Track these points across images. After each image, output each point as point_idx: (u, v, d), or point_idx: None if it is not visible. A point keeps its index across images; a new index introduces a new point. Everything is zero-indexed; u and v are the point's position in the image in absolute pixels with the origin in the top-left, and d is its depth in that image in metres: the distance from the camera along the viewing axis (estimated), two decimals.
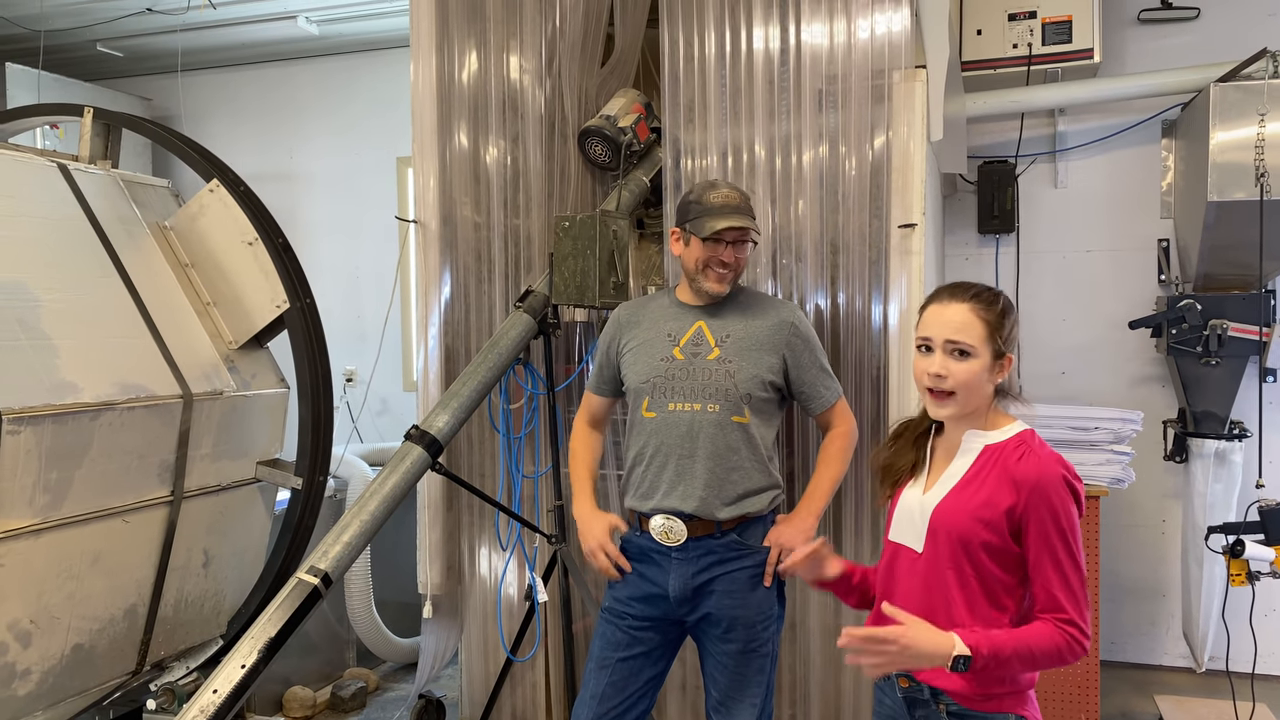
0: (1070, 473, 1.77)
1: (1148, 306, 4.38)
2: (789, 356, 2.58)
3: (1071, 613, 1.74)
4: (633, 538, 2.62)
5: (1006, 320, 1.85)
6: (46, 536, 2.69)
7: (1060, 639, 1.73)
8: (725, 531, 2.53)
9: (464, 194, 3.53)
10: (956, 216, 4.61)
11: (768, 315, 2.61)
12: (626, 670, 2.57)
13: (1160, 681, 4.32)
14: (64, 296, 2.85)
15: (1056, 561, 1.75)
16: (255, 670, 2.45)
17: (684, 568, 2.53)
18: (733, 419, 2.51)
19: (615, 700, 2.54)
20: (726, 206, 2.53)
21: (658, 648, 2.60)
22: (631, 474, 2.63)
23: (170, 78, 5.91)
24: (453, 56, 3.52)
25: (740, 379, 2.52)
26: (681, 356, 2.57)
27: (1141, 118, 4.36)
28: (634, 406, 2.62)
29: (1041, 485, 1.75)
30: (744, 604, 2.52)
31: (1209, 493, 3.99)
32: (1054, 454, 1.80)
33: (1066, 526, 1.75)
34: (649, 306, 2.71)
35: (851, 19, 3.10)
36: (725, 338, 2.57)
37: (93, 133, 3.37)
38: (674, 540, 2.53)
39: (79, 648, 2.88)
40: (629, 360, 2.65)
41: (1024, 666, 1.76)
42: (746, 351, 2.55)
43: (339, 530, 2.73)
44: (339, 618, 4.32)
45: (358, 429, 5.01)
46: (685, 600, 2.54)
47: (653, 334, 2.63)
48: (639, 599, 2.58)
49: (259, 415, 3.34)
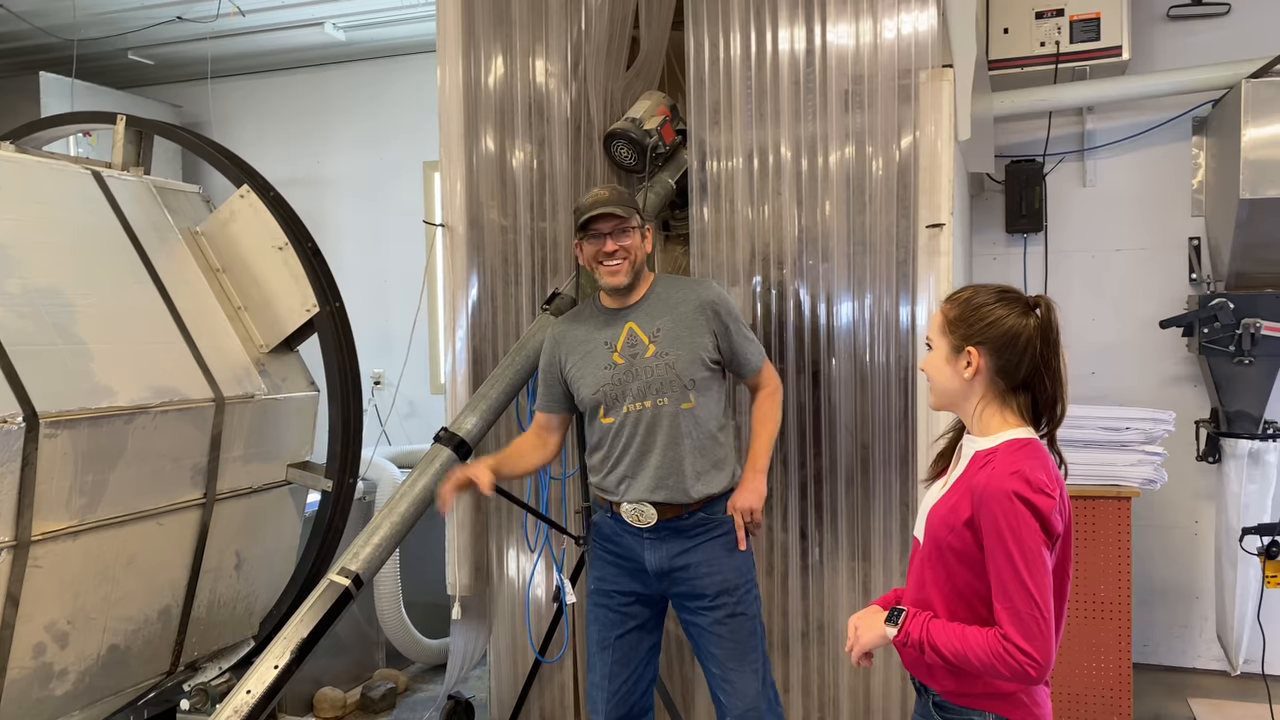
0: (1030, 488, 1.70)
1: (1179, 305, 4.33)
2: (718, 331, 2.69)
3: (1009, 629, 1.68)
4: (605, 520, 2.76)
5: (972, 313, 1.84)
6: (83, 539, 2.72)
7: (994, 650, 1.69)
8: (692, 512, 2.64)
9: (490, 197, 3.54)
10: (984, 216, 4.59)
11: (688, 299, 2.70)
12: (626, 645, 2.73)
13: (1194, 684, 4.27)
14: (98, 302, 2.89)
15: (999, 576, 1.71)
16: (288, 671, 2.48)
17: (657, 545, 2.67)
18: (682, 406, 2.63)
19: (624, 675, 2.72)
20: (596, 202, 2.65)
21: (649, 619, 2.77)
22: (598, 473, 2.74)
23: (200, 85, 5.98)
24: (479, 61, 3.54)
25: (680, 367, 2.63)
26: (622, 360, 2.67)
27: (1171, 115, 4.32)
28: (591, 416, 2.73)
29: (987, 499, 1.72)
30: (722, 570, 2.65)
31: (1243, 493, 3.94)
32: (1016, 467, 1.73)
33: (1011, 542, 1.69)
34: (580, 320, 2.81)
35: (878, 19, 3.09)
36: (656, 332, 2.67)
37: (125, 139, 3.42)
38: (645, 522, 2.66)
39: (114, 648, 2.92)
40: (575, 376, 2.74)
41: (960, 660, 1.73)
42: (679, 339, 2.65)
43: (369, 532, 2.75)
44: (368, 619, 4.35)
45: (386, 432, 5.06)
46: (664, 575, 2.68)
47: (591, 345, 2.72)
48: (621, 575, 2.73)
49: (289, 418, 3.37)
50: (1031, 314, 1.83)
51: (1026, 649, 1.67)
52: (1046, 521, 1.70)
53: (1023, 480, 1.71)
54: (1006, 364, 1.83)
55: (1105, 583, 3.53)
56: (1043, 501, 1.70)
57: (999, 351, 1.82)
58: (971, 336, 1.83)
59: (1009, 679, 1.72)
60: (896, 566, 3.11)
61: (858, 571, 3.15)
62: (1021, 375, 1.84)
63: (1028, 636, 1.67)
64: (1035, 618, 1.67)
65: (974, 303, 1.86)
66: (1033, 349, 1.82)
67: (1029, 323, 1.82)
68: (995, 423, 1.85)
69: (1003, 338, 1.82)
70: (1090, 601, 3.51)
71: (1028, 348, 1.82)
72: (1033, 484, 1.71)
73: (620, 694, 2.72)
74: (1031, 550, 1.69)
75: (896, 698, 3.13)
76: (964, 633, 1.75)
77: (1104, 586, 3.53)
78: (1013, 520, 1.69)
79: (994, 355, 1.82)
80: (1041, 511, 1.70)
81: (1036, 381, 1.84)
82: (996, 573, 1.72)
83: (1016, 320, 1.82)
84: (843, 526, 3.16)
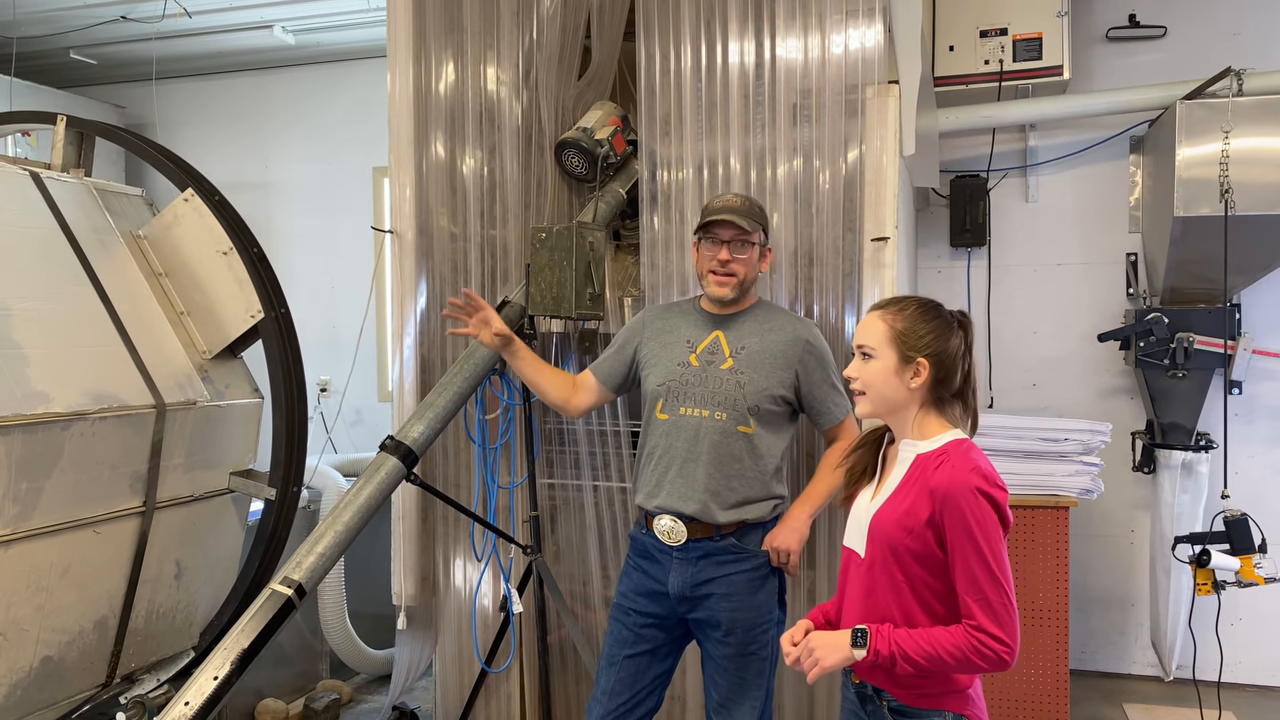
0: (989, 482, 1.81)
1: (1117, 319, 4.44)
2: (801, 373, 2.65)
3: (980, 618, 1.77)
4: (639, 535, 2.73)
5: (919, 326, 1.92)
6: (16, 547, 2.66)
7: (966, 643, 1.77)
8: (724, 535, 2.61)
9: (440, 204, 3.53)
10: (929, 230, 4.67)
11: (784, 331, 2.68)
12: (634, 667, 2.67)
13: (1129, 690, 4.37)
14: (36, 305, 2.82)
15: (968, 569, 1.79)
16: (228, 682, 2.44)
17: (684, 567, 2.62)
18: (738, 428, 2.59)
19: (625, 696, 2.66)
20: (725, 208, 2.64)
21: (663, 645, 2.70)
22: (641, 472, 2.72)
23: (144, 86, 5.89)
24: (430, 67, 3.53)
25: (749, 390, 2.59)
26: (697, 363, 2.66)
27: (1110, 134, 4.44)
28: (649, 408, 2.71)
29: (952, 495, 1.80)
30: (742, 607, 2.60)
31: (1176, 503, 4.05)
32: (973, 463, 1.83)
33: (979, 535, 1.78)
34: (674, 312, 2.82)
35: (826, 34, 3.13)
36: (740, 349, 2.65)
37: (66, 140, 3.35)
38: (675, 540, 2.62)
39: (48, 660, 2.85)
40: (648, 361, 2.74)
41: (934, 663, 1.79)
42: (759, 365, 2.63)
43: (313, 541, 2.72)
44: (312, 629, 4.29)
45: (332, 439, 4.99)
46: (684, 599, 2.63)
47: (673, 338, 2.72)
48: (643, 594, 2.69)
49: (233, 425, 3.32)
50: (959, 328, 1.95)
51: (999, 635, 1.76)
52: (1003, 514, 1.81)
53: (982, 476, 1.81)
54: (947, 376, 1.93)
55: (1043, 591, 3.60)
56: (1000, 495, 1.81)
57: (942, 364, 1.92)
58: (922, 348, 1.91)
59: (984, 668, 1.79)
60: None
61: (803, 580, 3.17)
62: (956, 385, 1.94)
63: (999, 624, 1.77)
64: (1005, 605, 1.78)
65: (922, 315, 1.93)
66: (966, 361, 1.94)
67: (962, 335, 1.94)
68: (934, 427, 1.93)
69: (948, 351, 1.91)
70: (1028, 609, 3.57)
71: (961, 360, 1.93)
72: (990, 478, 1.81)
73: (616, 714, 2.65)
74: (995, 541, 1.79)
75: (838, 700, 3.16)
76: (930, 636, 1.80)
77: (1042, 594, 3.60)
78: (978, 514, 1.78)
79: (938, 367, 1.91)
80: (1000, 504, 1.81)
81: (965, 390, 1.95)
82: (964, 565, 1.79)
83: (955, 334, 1.93)
84: None
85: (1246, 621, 4.32)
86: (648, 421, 2.72)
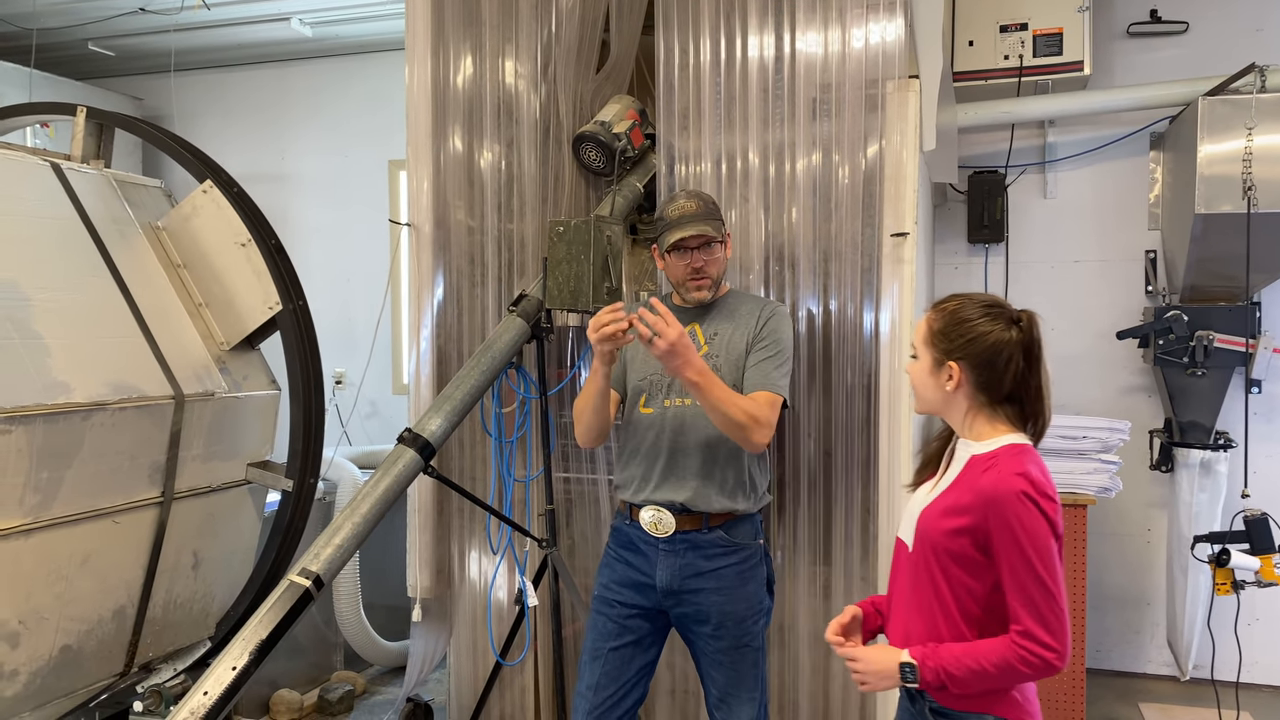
0: (1036, 489, 1.75)
1: (1135, 317, 4.41)
2: (749, 342, 2.65)
3: (1028, 624, 1.74)
4: (622, 526, 2.72)
5: (955, 327, 1.87)
6: (36, 537, 2.67)
7: (1011, 653, 1.74)
8: (712, 528, 2.60)
9: (458, 198, 3.53)
10: (947, 226, 4.65)
11: (751, 311, 2.70)
12: (619, 659, 2.66)
13: (1144, 689, 4.35)
14: (56, 296, 2.84)
15: (1015, 574, 1.76)
16: (246, 672, 2.44)
17: (671, 560, 2.61)
18: None
19: (610, 689, 2.64)
20: (683, 217, 2.63)
21: (647, 635, 2.69)
22: (626, 468, 2.71)
23: (162, 78, 5.90)
24: (448, 60, 3.53)
25: (724, 374, 2.60)
26: None
27: (1130, 130, 4.41)
28: (631, 405, 2.71)
29: (997, 500, 1.76)
30: (732, 599, 2.60)
31: (1194, 502, 4.02)
32: (1022, 468, 1.78)
33: (1025, 540, 1.74)
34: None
35: (846, 28, 3.12)
36: (713, 336, 2.68)
37: (85, 132, 3.36)
38: (662, 532, 2.62)
39: (67, 649, 2.87)
40: (631, 359, 2.75)
41: (980, 679, 1.77)
42: (731, 348, 2.65)
43: (331, 532, 2.72)
44: (327, 620, 4.31)
45: (347, 432, 5.01)
46: (672, 592, 2.61)
47: None
48: (627, 586, 2.67)
49: (250, 417, 3.34)
50: (1014, 328, 1.86)
51: (1048, 641, 1.73)
52: (1052, 519, 1.77)
53: (1029, 482, 1.76)
54: (989, 379, 1.86)
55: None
56: (1049, 506, 1.77)
57: (980, 367, 1.85)
58: (953, 351, 1.86)
59: (1030, 676, 1.77)
60: (857, 570, 3.13)
61: (818, 576, 3.17)
62: (1005, 390, 1.86)
63: (1049, 629, 1.74)
64: (1054, 610, 1.74)
65: (958, 316, 1.88)
66: (1015, 365, 1.85)
67: (1011, 338, 1.85)
68: (987, 430, 1.88)
69: (984, 354, 1.84)
70: None
71: (1010, 364, 1.84)
72: (1038, 485, 1.77)
73: (602, 708, 2.64)
74: (1043, 546, 1.75)
75: (855, 702, 3.16)
76: (974, 651, 1.78)
77: None
78: (1025, 519, 1.74)
79: (975, 370, 1.85)
80: (1047, 511, 1.76)
81: (1021, 395, 1.87)
82: (1011, 571, 1.76)
83: (999, 336, 1.84)
84: (804, 531, 3.18)
85: (1264, 621, 4.29)
86: (630, 418, 2.72)
